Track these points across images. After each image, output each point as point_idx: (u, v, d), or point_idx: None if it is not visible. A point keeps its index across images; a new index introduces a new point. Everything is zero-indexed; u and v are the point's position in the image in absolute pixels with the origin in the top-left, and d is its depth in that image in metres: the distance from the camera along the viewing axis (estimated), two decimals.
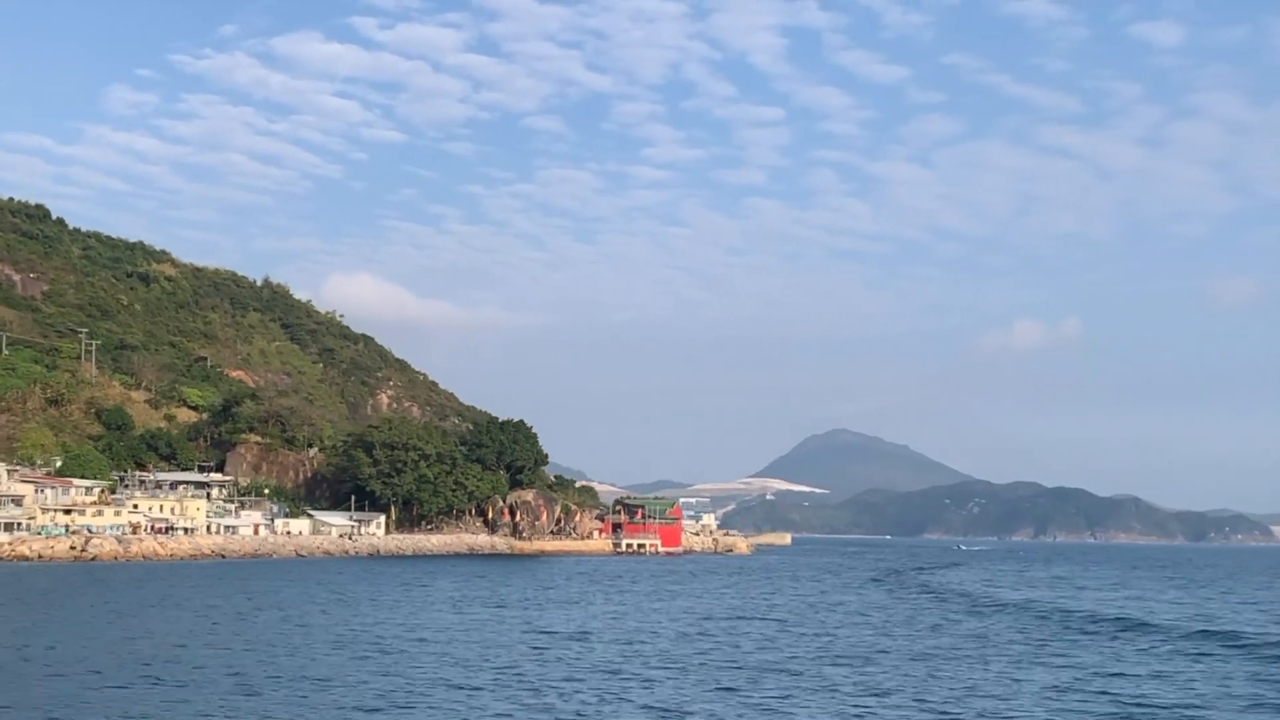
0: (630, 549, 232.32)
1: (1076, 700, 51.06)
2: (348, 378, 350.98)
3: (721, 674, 56.73)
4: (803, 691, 51.66)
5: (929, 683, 55.33)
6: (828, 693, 51.47)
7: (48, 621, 73.98)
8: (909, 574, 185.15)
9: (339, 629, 74.39)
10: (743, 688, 52.31)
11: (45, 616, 77.48)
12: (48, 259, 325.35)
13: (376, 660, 59.92)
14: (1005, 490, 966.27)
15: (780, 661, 62.41)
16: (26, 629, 69.84)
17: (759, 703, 48.76)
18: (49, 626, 71.13)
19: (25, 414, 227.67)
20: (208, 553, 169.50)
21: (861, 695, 51.00)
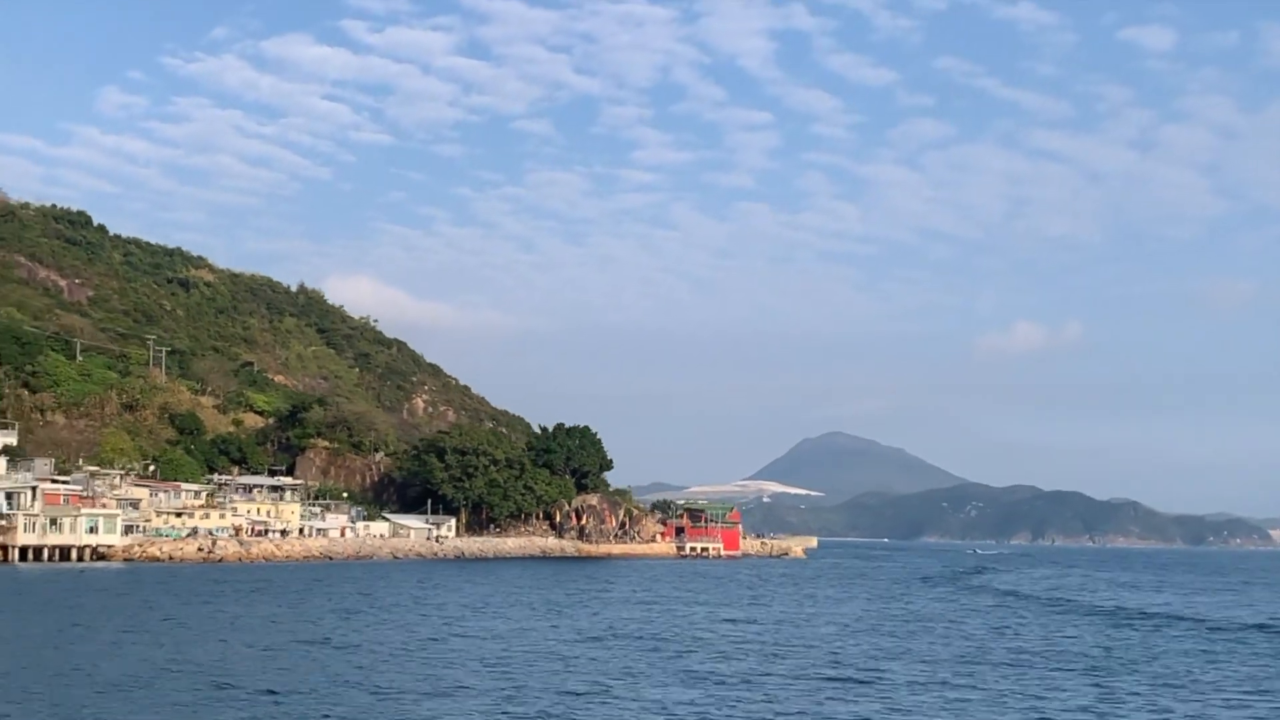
0: (694, 552, 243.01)
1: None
2: (383, 382, 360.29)
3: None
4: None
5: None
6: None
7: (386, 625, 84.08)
8: (966, 577, 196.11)
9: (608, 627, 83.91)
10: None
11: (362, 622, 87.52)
12: (91, 265, 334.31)
13: (698, 655, 65.92)
14: (1003, 494, 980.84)
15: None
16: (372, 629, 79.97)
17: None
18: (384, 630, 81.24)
19: (104, 419, 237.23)
20: (317, 555, 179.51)
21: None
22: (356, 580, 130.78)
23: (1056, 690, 53.93)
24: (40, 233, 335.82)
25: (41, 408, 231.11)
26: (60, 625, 73.23)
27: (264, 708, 44.93)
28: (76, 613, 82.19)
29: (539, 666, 58.42)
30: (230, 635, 69.88)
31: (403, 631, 74.39)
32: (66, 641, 64.92)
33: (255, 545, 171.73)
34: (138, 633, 70.11)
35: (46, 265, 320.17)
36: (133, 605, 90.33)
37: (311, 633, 72.20)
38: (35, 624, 74.03)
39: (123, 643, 64.84)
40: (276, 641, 67.13)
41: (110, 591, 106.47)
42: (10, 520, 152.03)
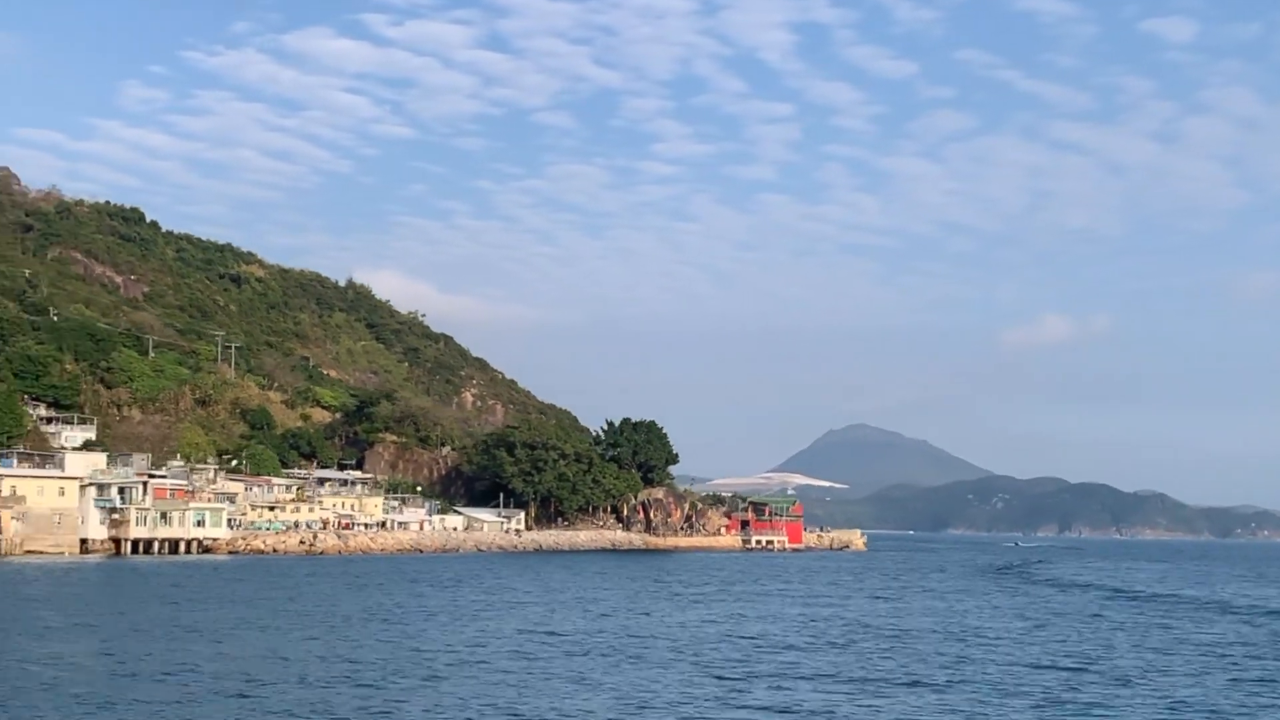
0: (760, 545, 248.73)
1: None
2: (432, 376, 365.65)
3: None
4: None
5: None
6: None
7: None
8: (1039, 569, 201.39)
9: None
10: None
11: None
12: (145, 261, 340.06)
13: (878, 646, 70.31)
14: (1028, 486, 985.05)
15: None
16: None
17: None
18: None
19: (178, 414, 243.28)
20: (407, 548, 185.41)
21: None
22: (477, 573, 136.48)
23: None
24: (95, 229, 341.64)
25: (118, 403, 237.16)
26: (334, 613, 79.11)
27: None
28: (321, 602, 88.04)
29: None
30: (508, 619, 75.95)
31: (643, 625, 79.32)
32: (399, 623, 70.98)
33: (351, 538, 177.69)
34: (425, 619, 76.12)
35: (102, 262, 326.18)
36: (336, 593, 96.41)
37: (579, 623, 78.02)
38: (293, 610, 79.85)
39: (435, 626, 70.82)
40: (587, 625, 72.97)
41: (285, 582, 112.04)
42: (123, 514, 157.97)
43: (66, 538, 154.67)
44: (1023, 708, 48.43)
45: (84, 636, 65.27)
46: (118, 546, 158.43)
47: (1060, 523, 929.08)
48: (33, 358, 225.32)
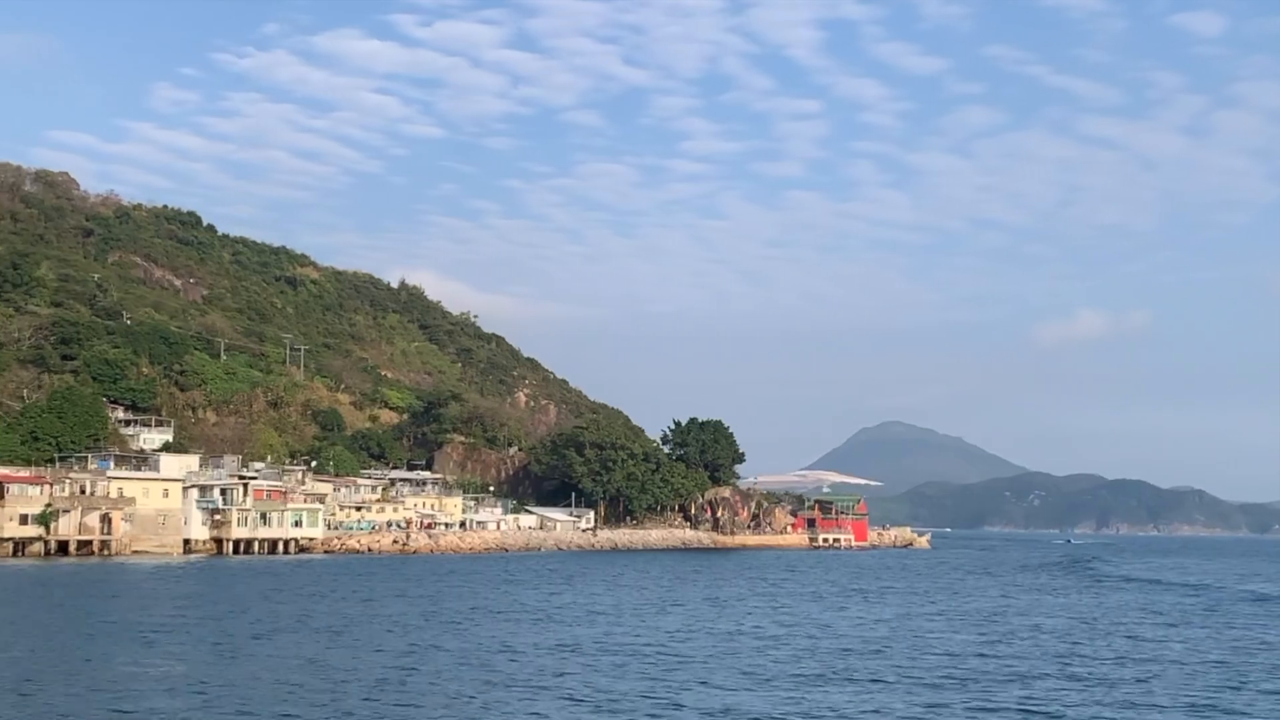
0: (826, 543, 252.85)
1: None
2: (485, 376, 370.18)
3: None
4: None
5: None
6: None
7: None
8: (1110, 565, 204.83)
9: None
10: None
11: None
12: (203, 265, 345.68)
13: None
14: (1065, 483, 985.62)
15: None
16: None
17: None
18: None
19: (252, 416, 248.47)
20: (493, 547, 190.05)
21: None
22: (576, 572, 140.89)
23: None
24: (154, 233, 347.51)
25: (193, 405, 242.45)
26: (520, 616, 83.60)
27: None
28: (502, 597, 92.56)
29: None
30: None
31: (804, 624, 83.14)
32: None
33: (441, 538, 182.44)
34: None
35: (161, 265, 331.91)
36: (494, 590, 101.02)
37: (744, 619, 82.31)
38: (494, 606, 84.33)
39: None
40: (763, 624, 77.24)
41: (427, 579, 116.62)
42: (225, 515, 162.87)
43: (171, 538, 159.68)
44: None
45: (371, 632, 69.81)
46: (219, 546, 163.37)
47: (1098, 519, 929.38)
48: (110, 361, 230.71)
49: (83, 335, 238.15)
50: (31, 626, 69.41)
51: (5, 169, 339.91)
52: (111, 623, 71.64)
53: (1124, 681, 55.55)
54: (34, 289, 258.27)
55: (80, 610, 79.42)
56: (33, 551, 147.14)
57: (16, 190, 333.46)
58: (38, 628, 68.80)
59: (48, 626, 69.69)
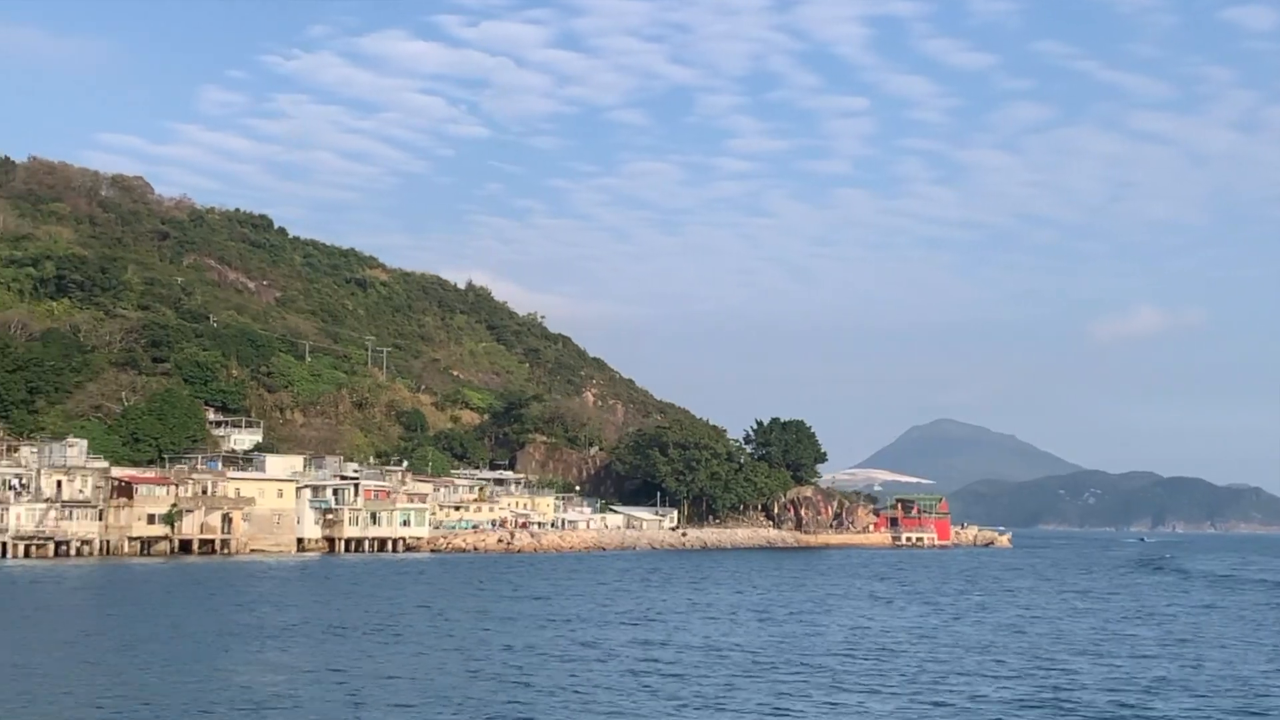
0: (909, 542, 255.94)
1: None
2: (553, 376, 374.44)
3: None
4: None
5: None
6: None
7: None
8: (1172, 563, 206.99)
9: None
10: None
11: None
12: (276, 267, 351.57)
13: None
14: (1121, 480, 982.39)
15: None
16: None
17: None
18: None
19: (338, 417, 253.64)
20: (591, 545, 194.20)
21: None
22: (697, 571, 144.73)
23: None
24: (227, 236, 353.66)
25: (280, 406, 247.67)
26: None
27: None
28: (658, 597, 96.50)
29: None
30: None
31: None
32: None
33: (543, 537, 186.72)
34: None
35: (235, 268, 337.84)
36: (643, 589, 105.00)
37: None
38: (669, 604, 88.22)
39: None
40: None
41: (560, 577, 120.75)
42: (337, 514, 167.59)
43: (285, 537, 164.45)
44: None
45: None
46: (331, 545, 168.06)
47: (1153, 517, 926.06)
48: (201, 363, 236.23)
49: (172, 338, 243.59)
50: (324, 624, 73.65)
51: (83, 174, 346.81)
52: (387, 625, 75.69)
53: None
54: (121, 293, 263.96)
55: (340, 606, 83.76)
56: (158, 550, 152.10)
57: (94, 195, 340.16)
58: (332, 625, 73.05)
59: (340, 624, 73.93)
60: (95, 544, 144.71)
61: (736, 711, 45.36)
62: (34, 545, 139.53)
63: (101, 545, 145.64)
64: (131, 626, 70.20)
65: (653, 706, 45.84)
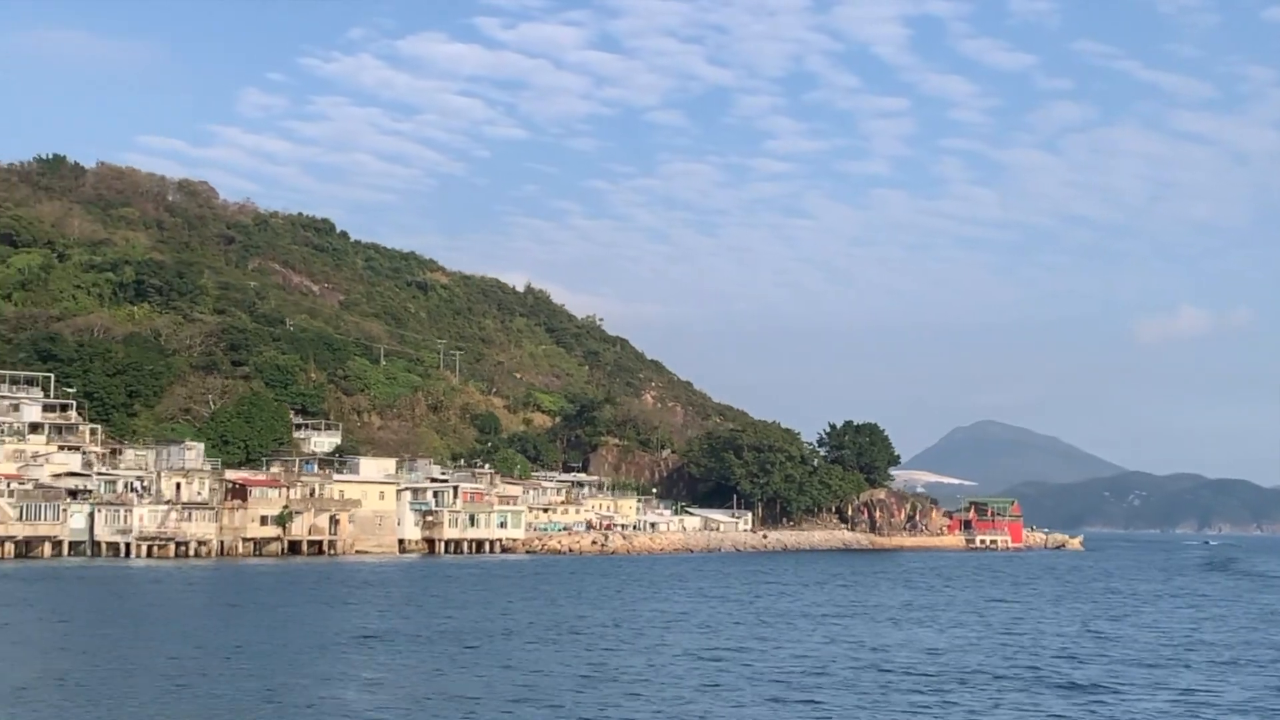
0: (983, 544, 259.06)
1: None
2: (613, 379, 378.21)
3: None
4: None
5: None
6: None
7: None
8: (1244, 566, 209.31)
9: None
10: None
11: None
12: (339, 271, 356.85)
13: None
14: (1166, 482, 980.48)
15: None
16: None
17: None
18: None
19: (414, 420, 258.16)
20: (679, 548, 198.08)
21: None
22: (799, 572, 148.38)
23: None
24: (290, 240, 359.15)
25: (358, 409, 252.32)
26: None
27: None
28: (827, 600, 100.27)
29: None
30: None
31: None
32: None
33: (635, 539, 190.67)
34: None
35: (299, 271, 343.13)
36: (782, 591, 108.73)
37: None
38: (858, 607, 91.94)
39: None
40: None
41: (694, 578, 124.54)
42: (437, 516, 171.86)
43: (387, 538, 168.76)
44: None
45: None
46: (430, 546, 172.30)
47: (1199, 519, 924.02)
48: (281, 366, 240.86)
49: (250, 342, 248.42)
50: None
51: (150, 179, 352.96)
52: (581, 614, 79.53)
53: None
54: (198, 297, 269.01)
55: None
56: (269, 551, 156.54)
57: (160, 199, 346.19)
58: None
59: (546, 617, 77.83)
60: (212, 544, 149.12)
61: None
62: (156, 545, 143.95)
63: (218, 546, 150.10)
64: (417, 627, 73.76)
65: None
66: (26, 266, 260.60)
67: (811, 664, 59.72)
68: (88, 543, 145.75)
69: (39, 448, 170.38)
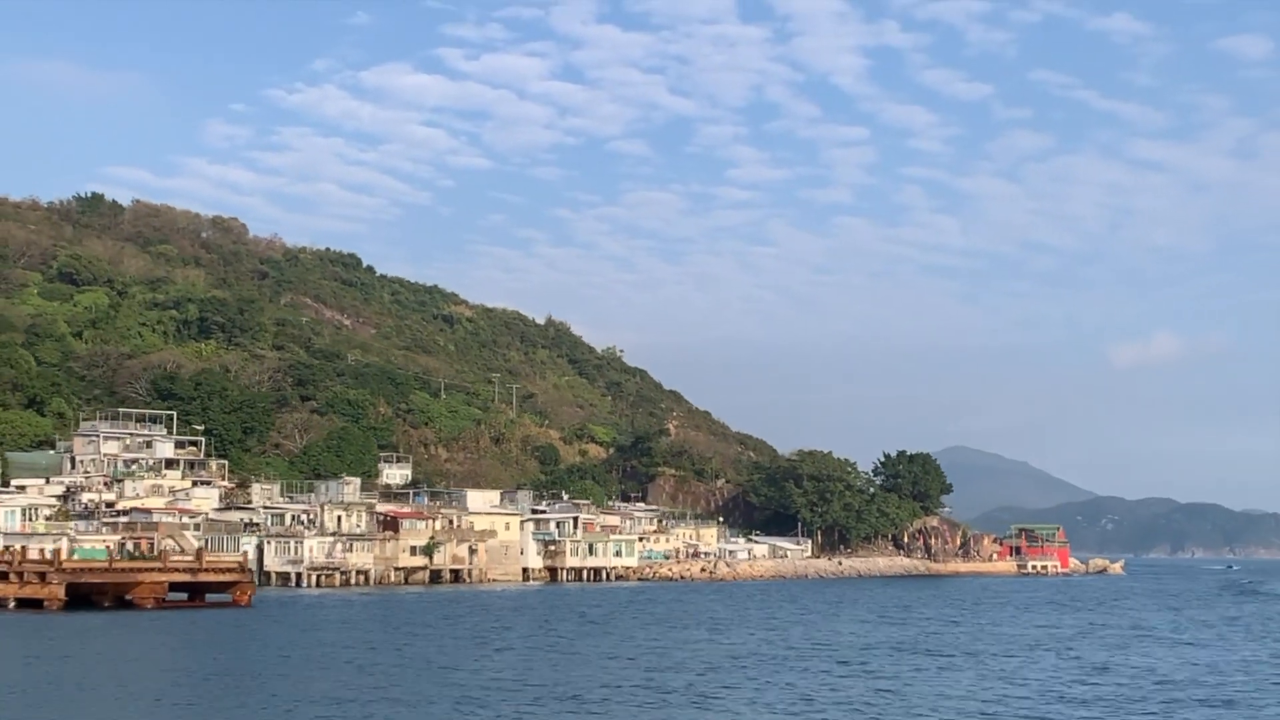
0: (1035, 570, 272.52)
1: None
2: (635, 409, 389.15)
3: None
4: None
5: None
6: None
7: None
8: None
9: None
10: None
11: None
12: (368, 305, 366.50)
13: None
14: (1137, 506, 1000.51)
15: None
16: None
17: None
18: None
19: (479, 452, 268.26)
20: (773, 574, 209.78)
21: None
22: (931, 598, 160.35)
23: None
24: (320, 275, 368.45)
25: (425, 442, 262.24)
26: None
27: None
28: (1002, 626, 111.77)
29: None
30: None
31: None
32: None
33: (736, 566, 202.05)
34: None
35: (330, 306, 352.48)
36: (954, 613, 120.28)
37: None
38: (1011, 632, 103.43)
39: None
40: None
41: (814, 604, 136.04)
42: (559, 545, 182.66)
43: (513, 567, 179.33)
44: None
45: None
46: (553, 575, 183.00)
47: (1171, 543, 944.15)
48: (352, 401, 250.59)
49: (316, 377, 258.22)
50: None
51: (185, 216, 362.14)
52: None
53: None
54: (259, 333, 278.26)
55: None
56: (416, 579, 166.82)
57: (196, 236, 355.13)
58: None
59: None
60: (370, 573, 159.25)
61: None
62: (323, 574, 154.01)
63: (375, 575, 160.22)
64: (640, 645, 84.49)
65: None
66: (93, 305, 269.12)
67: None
68: (257, 573, 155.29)
69: (175, 483, 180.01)
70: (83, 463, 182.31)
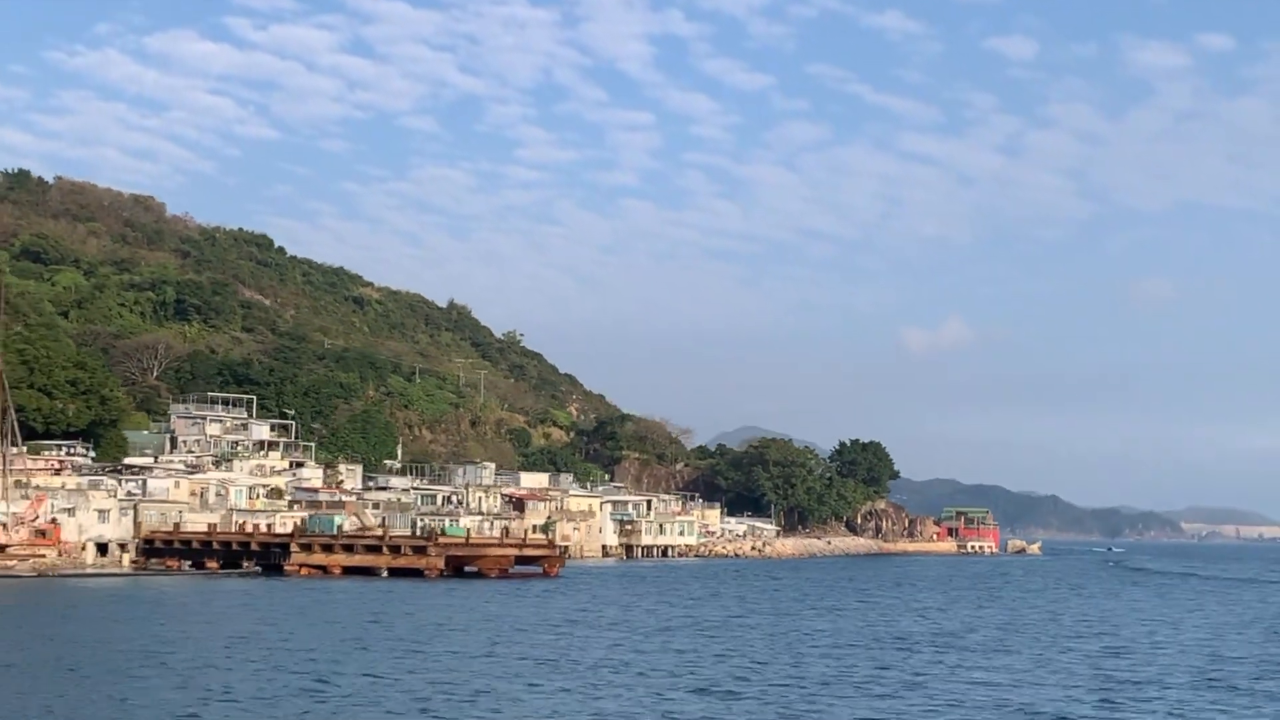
0: (973, 550, 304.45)
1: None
2: (539, 392, 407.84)
3: None
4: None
5: None
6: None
7: None
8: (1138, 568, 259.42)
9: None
10: None
11: None
12: (284, 286, 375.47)
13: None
14: (925, 487, 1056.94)
15: None
16: None
17: None
18: None
19: (460, 434, 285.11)
20: (792, 553, 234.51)
21: None
22: (948, 577, 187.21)
23: None
24: (236, 255, 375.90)
25: (410, 424, 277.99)
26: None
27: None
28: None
29: None
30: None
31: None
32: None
33: (768, 546, 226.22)
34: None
35: (249, 287, 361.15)
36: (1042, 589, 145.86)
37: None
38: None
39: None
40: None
41: (901, 580, 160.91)
42: (635, 525, 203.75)
43: (594, 545, 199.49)
44: None
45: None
46: (627, 552, 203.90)
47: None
48: (344, 385, 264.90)
49: (300, 359, 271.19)
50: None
51: (107, 193, 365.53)
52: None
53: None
54: (230, 315, 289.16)
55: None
56: None
57: (118, 214, 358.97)
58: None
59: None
60: None
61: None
62: None
63: None
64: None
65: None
66: (74, 285, 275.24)
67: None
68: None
69: (275, 463, 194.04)
70: (185, 443, 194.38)
